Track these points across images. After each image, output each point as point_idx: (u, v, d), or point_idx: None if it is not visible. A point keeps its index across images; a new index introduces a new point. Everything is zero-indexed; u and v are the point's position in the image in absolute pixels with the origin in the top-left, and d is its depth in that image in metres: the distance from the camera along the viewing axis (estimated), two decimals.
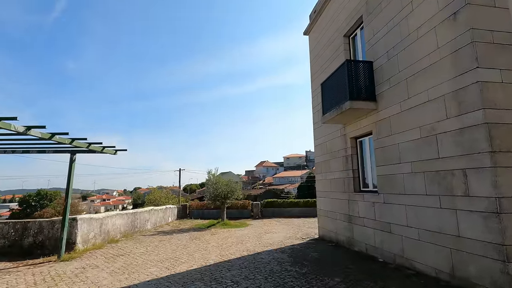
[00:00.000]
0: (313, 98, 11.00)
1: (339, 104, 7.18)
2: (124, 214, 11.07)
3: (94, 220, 8.98)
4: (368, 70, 6.95)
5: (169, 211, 16.20)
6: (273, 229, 12.76)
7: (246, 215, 18.24)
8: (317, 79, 10.49)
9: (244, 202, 18.83)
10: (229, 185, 14.44)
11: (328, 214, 9.38)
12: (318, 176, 10.31)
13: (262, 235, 11.02)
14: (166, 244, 9.31)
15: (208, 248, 8.43)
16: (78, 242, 8.12)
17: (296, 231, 11.95)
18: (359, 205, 7.45)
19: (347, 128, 8.24)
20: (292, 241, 9.47)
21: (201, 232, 11.90)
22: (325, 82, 8.27)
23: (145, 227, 12.77)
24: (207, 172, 14.82)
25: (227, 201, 14.60)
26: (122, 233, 10.72)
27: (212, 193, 14.27)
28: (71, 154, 7.72)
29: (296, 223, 14.78)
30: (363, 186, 7.74)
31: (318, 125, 10.40)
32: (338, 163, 8.73)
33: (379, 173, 6.59)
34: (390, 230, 6.17)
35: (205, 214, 18.15)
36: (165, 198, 24.24)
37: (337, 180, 8.81)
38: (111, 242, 9.61)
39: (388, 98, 6.35)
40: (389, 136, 6.25)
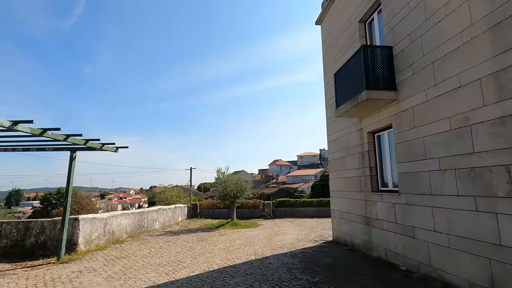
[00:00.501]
0: (326, 92, 10.32)
1: (355, 95, 6.51)
2: (130, 214, 10.78)
3: (97, 220, 8.69)
4: (387, 56, 6.24)
5: (178, 211, 15.90)
6: (284, 230, 12.17)
7: (258, 215, 17.72)
8: (330, 71, 9.79)
9: (255, 202, 18.32)
10: (238, 184, 13.95)
11: (343, 215, 8.70)
12: (332, 174, 9.63)
13: (273, 236, 10.45)
14: (171, 245, 8.91)
15: (214, 251, 7.95)
16: (80, 243, 7.83)
17: (309, 232, 11.31)
18: (378, 206, 6.75)
19: (363, 122, 7.54)
20: (304, 244, 8.86)
21: (209, 233, 11.46)
22: (338, 72, 7.60)
23: (153, 227, 12.48)
24: (217, 171, 14.41)
25: (237, 200, 14.12)
26: (128, 233, 10.42)
27: (221, 192, 13.83)
28: (71, 151, 7.42)
29: (309, 223, 14.12)
30: (381, 185, 7.02)
31: (331, 120, 9.72)
32: (354, 160, 8.04)
33: (400, 171, 5.89)
34: (413, 235, 5.47)
35: (215, 214, 17.76)
36: (176, 197, 24.07)
37: (352, 178, 8.12)
38: (116, 243, 9.31)
39: (411, 86, 5.62)
40: (412, 129, 5.54)
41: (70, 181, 7.33)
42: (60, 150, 7.51)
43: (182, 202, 23.39)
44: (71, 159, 7.40)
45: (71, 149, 7.43)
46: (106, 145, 7.37)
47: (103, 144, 7.23)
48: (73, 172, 7.40)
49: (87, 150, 7.47)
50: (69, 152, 7.44)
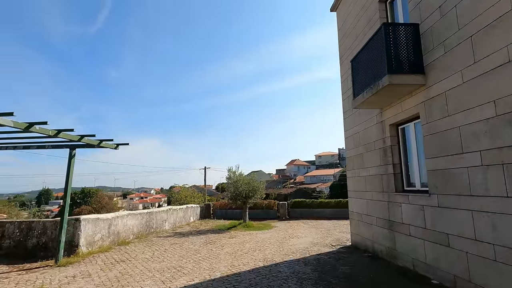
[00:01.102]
0: (342, 84, 9.47)
1: (375, 81, 5.69)
2: (137, 214, 10.43)
3: (101, 220, 8.34)
4: (413, 34, 5.38)
5: (190, 211, 15.50)
6: (299, 232, 11.41)
7: (272, 216, 17.02)
8: (346, 61, 8.95)
9: (269, 202, 17.63)
10: (250, 183, 13.32)
11: (362, 218, 7.85)
12: (350, 173, 8.78)
13: (286, 240, 9.73)
14: (176, 248, 8.42)
15: (220, 256, 7.36)
16: (81, 244, 7.49)
17: (325, 235, 10.49)
18: (403, 208, 5.89)
19: (385, 113, 6.68)
20: (319, 249, 8.09)
21: (219, 235, 10.91)
22: (356, 57, 6.79)
23: (162, 227, 12.10)
24: (228, 170, 13.85)
25: (249, 200, 13.49)
26: (135, 234, 10.07)
27: (232, 192, 13.26)
28: (70, 149, 7.09)
29: (326, 225, 13.25)
30: (407, 184, 6.15)
31: (348, 114, 8.87)
32: (374, 156, 7.19)
33: (431, 168, 5.02)
34: (448, 243, 4.60)
35: (228, 214, 17.24)
36: (190, 197, 23.82)
37: (372, 177, 7.27)
38: (121, 244, 8.95)
39: (443, 68, 4.76)
40: (445, 118, 4.67)
41: (69, 179, 6.99)
42: (60, 147, 7.20)
43: (197, 202, 23.11)
44: (70, 156, 7.07)
45: (70, 146, 7.10)
46: (105, 142, 6.98)
47: (100, 140, 6.83)
48: (72, 170, 7.06)
49: (86, 147, 7.11)
50: (68, 150, 7.10)
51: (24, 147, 7.33)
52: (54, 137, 5.67)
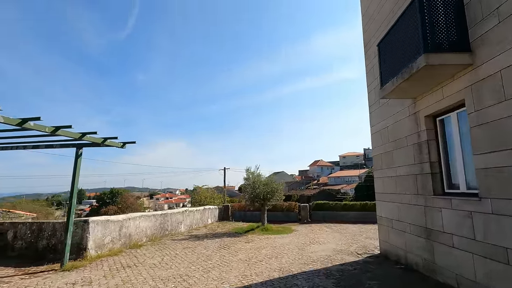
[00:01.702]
0: (368, 74, 8.55)
1: (407, 64, 4.82)
2: (151, 216, 10.10)
3: (111, 222, 8.05)
4: (454, 5, 4.47)
5: (208, 212, 15.09)
6: (321, 237, 10.56)
7: (293, 219, 16.22)
8: (372, 49, 8.04)
9: (290, 204, 16.84)
10: (269, 184, 12.63)
11: (393, 223, 6.91)
12: (377, 173, 7.85)
13: (306, 246, 8.95)
14: (188, 253, 7.93)
15: (232, 263, 6.75)
16: (89, 247, 7.20)
17: (350, 241, 9.57)
18: (444, 214, 4.95)
19: (419, 103, 5.75)
20: (343, 257, 7.25)
21: (235, 239, 10.32)
22: (384, 40, 5.92)
23: (177, 229, 11.74)
24: (245, 170, 13.25)
25: (268, 202, 12.80)
26: (148, 237, 9.74)
27: (250, 193, 12.64)
28: (77, 148, 6.82)
29: (351, 230, 12.27)
30: (448, 186, 5.19)
31: (375, 107, 7.95)
32: (406, 154, 6.25)
33: (481, 166, 4.08)
34: (507, 260, 3.66)
35: (247, 216, 16.67)
36: (210, 198, 23.55)
37: (404, 177, 6.33)
38: (133, 247, 8.62)
39: (496, 41, 3.83)
40: (501, 104, 3.74)
41: (75, 179, 6.71)
42: (67, 147, 6.96)
43: (217, 203, 22.78)
44: (76, 156, 6.79)
45: (77, 145, 6.83)
46: (110, 140, 6.63)
47: (105, 138, 6.48)
48: (78, 170, 6.78)
49: (92, 146, 6.81)
50: (75, 149, 6.84)
51: (33, 147, 7.17)
52: (54, 134, 5.36)
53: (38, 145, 7.15)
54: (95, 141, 6.37)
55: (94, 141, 6.33)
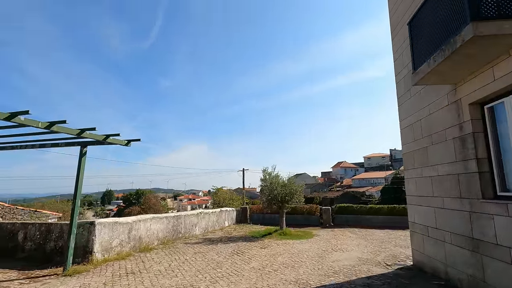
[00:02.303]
0: (396, 62, 7.61)
1: (447, 39, 3.96)
2: (163, 218, 9.72)
3: (119, 224, 7.71)
4: None
5: (224, 215, 14.58)
6: (344, 244, 9.66)
7: (314, 223, 15.32)
8: (401, 32, 7.15)
9: (311, 207, 15.96)
10: (287, 186, 11.88)
11: (429, 231, 5.96)
12: (409, 172, 6.90)
13: (327, 253, 8.13)
14: (198, 259, 7.40)
15: (244, 272, 6.12)
16: (95, 251, 6.87)
17: (377, 249, 8.62)
18: (497, 223, 4.02)
19: (461, 89, 4.83)
20: (369, 269, 6.39)
21: (250, 244, 9.68)
22: (416, 16, 5.04)
23: (192, 232, 11.30)
24: (262, 171, 12.58)
25: (286, 205, 12.05)
26: (160, 240, 9.35)
27: (267, 195, 11.96)
28: (81, 146, 6.51)
29: (378, 236, 11.22)
30: (501, 188, 4.23)
31: (405, 98, 7.01)
32: (445, 150, 5.32)
33: None
34: None
35: (265, 219, 15.98)
36: (229, 200, 23.11)
37: (443, 178, 5.39)
38: (143, 251, 8.23)
39: None
40: None
41: (79, 179, 6.39)
42: (72, 145, 6.69)
43: (236, 205, 22.28)
44: (80, 154, 6.48)
45: (82, 143, 6.53)
46: (113, 138, 6.25)
47: (106, 135, 6.11)
48: (82, 169, 6.46)
49: (97, 144, 6.48)
50: (80, 148, 6.53)
51: (40, 146, 6.98)
52: (48, 129, 5.03)
53: (44, 144, 6.95)
54: (97, 138, 6.02)
55: (95, 138, 5.97)
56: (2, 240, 7.93)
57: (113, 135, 6.10)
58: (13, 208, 19.91)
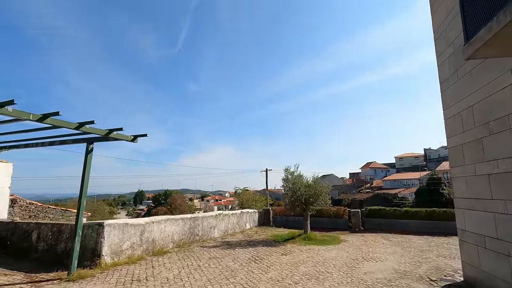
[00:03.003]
0: (437, 41, 6.48)
1: None
2: (178, 220, 9.23)
3: (130, 226, 7.29)
4: None
5: (246, 217, 13.91)
6: (377, 252, 8.59)
7: (342, 226, 14.19)
8: (444, 5, 6.05)
9: (338, 209, 14.84)
10: (311, 186, 10.96)
11: (486, 242, 4.84)
12: (457, 170, 5.76)
13: (357, 263, 7.15)
14: (211, 265, 6.76)
15: (260, 284, 5.36)
16: (104, 254, 6.47)
17: (417, 260, 7.48)
18: None
19: None
20: (409, 284, 5.38)
21: (271, 249, 8.90)
22: None
23: (210, 235, 10.74)
24: (284, 170, 11.75)
25: (310, 207, 11.13)
26: (175, 242, 8.86)
27: (290, 197, 11.11)
28: (87, 143, 6.14)
29: (416, 244, 9.96)
30: None
31: (451, 82, 5.89)
32: (508, 140, 4.22)
33: None
34: None
35: (289, 222, 15.10)
36: (252, 201, 22.47)
37: (506, 176, 4.29)
38: (157, 254, 7.77)
39: None
40: None
41: (85, 178, 6.01)
42: (78, 142, 6.35)
43: (259, 206, 21.60)
44: (86, 151, 6.11)
45: (87, 140, 6.16)
46: (117, 133, 5.79)
47: (109, 130, 5.65)
48: (88, 167, 6.08)
49: (102, 140, 6.07)
50: (85, 145, 6.17)
51: (50, 143, 6.75)
52: (41, 122, 4.65)
53: (53, 141, 6.70)
54: (98, 133, 5.57)
55: (97, 132, 5.53)
56: (18, 240, 7.85)
57: (116, 129, 5.64)
58: (45, 207, 20.57)
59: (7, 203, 10.04)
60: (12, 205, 18.38)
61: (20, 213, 18.65)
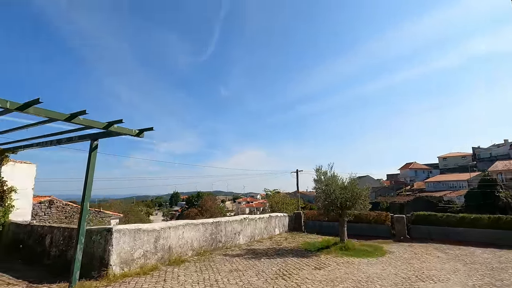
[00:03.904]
0: None
1: None
2: (199, 225, 8.39)
3: (143, 232, 6.56)
4: None
5: (274, 221, 12.79)
6: (432, 268, 7.05)
7: (383, 234, 12.51)
8: None
9: (379, 215, 13.16)
10: (348, 188, 9.57)
11: None
12: None
13: (411, 283, 5.75)
14: (231, 280, 5.77)
15: None
16: (112, 263, 5.77)
17: (488, 281, 5.89)
18: None
19: None
20: None
21: (302, 260, 7.71)
22: None
23: (235, 241, 9.78)
24: (315, 170, 10.46)
25: (347, 211, 9.73)
26: (195, 250, 8.02)
27: (323, 200, 9.81)
28: (91, 140, 5.49)
29: (481, 259, 8.18)
30: None
31: None
32: None
33: None
34: None
35: (323, 227, 13.69)
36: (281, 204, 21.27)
37: None
38: (173, 263, 6.96)
39: None
40: None
41: (88, 179, 5.35)
42: (84, 138, 5.74)
43: (290, 210, 20.36)
44: (90, 149, 5.46)
45: (92, 136, 5.51)
46: (118, 126, 5.03)
47: (109, 123, 4.91)
48: (93, 167, 5.41)
49: (107, 136, 5.38)
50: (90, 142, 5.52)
51: (57, 142, 6.25)
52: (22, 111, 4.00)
53: (61, 139, 6.19)
54: (91, 125, 4.84)
55: (90, 124, 4.81)
56: (34, 244, 7.51)
57: (116, 122, 4.89)
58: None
59: (31, 204, 9.94)
60: (49, 206, 18.93)
61: (57, 214, 19.15)
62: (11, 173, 8.78)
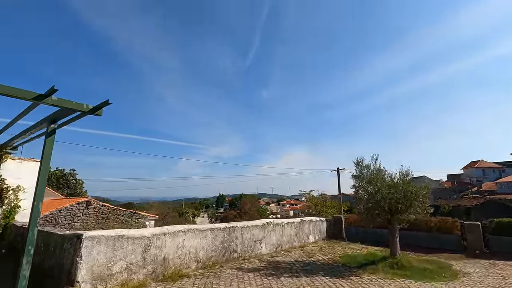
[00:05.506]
0: None
1: None
2: (206, 230, 6.89)
3: (126, 240, 5.26)
4: None
5: (308, 227, 10.82)
6: None
7: (450, 246, 9.76)
8: None
9: (444, 221, 10.40)
10: (399, 186, 7.29)
11: None
12: None
13: None
14: None
15: None
16: (80, 279, 4.54)
17: None
18: None
19: None
20: None
21: (337, 282, 5.73)
22: None
23: (254, 251, 8.10)
24: (355, 164, 8.28)
25: (399, 217, 7.42)
26: (201, 262, 6.55)
27: (365, 202, 7.65)
28: (47, 122, 4.32)
29: None
30: None
31: None
32: None
33: None
34: None
35: (368, 235, 11.33)
36: (321, 206, 19.00)
37: None
38: (170, 279, 5.57)
39: None
40: None
41: (41, 172, 4.18)
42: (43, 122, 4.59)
43: (331, 213, 18.04)
44: (46, 135, 4.28)
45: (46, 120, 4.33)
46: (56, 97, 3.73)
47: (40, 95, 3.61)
48: (47, 157, 4.22)
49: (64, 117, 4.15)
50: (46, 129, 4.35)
51: None
52: None
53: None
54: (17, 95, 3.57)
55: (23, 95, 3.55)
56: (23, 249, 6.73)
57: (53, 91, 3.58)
58: (116, 209, 21.10)
59: None
60: (87, 207, 19.20)
61: (94, 215, 19.37)
62: (17, 171, 8.30)
